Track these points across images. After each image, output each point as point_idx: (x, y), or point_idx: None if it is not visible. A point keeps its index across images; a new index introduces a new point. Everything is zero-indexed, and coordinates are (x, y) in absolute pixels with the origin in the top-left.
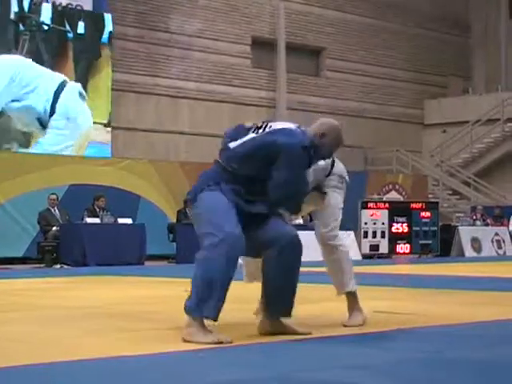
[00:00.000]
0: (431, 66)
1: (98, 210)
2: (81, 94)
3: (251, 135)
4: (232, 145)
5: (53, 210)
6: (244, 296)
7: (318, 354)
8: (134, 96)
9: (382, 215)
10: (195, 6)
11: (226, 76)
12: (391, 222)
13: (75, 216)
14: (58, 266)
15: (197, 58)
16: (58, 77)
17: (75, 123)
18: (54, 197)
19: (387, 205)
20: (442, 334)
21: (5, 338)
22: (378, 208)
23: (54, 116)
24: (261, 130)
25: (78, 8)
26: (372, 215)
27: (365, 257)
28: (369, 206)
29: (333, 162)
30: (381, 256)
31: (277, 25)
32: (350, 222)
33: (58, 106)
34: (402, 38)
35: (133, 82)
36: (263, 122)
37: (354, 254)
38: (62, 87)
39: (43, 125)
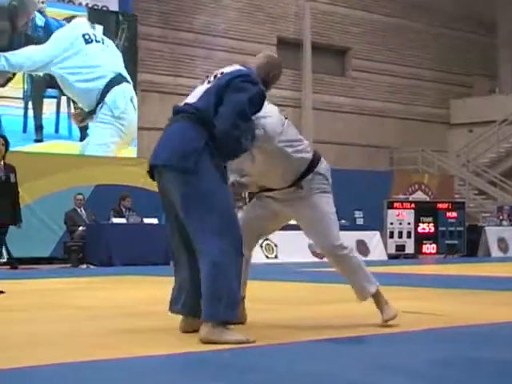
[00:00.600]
0: (457, 66)
1: (124, 210)
2: (132, 100)
3: (205, 86)
4: (190, 100)
5: (79, 210)
6: (257, 295)
7: (345, 354)
8: (158, 96)
9: (408, 215)
10: (219, 6)
11: None
12: (417, 222)
13: (101, 216)
14: (84, 265)
15: (221, 58)
16: (116, 66)
17: (120, 121)
18: (80, 197)
19: (413, 205)
20: (468, 334)
21: (26, 337)
22: (403, 208)
23: (103, 107)
24: (212, 79)
25: (104, 9)
26: (398, 215)
27: (391, 257)
28: (395, 205)
29: (318, 157)
30: (407, 256)
31: (302, 25)
32: (375, 222)
33: (107, 97)
34: (428, 38)
35: (157, 82)
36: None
37: (380, 255)
38: (117, 81)
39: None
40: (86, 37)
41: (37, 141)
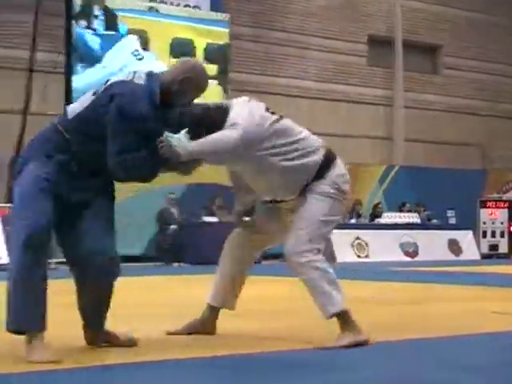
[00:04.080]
0: None
1: (215, 208)
2: None
3: (91, 97)
4: (69, 108)
5: (171, 209)
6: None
7: (426, 355)
8: (250, 95)
9: (502, 214)
10: (312, 5)
11: (342, 75)
12: (511, 221)
13: (193, 215)
14: (177, 264)
15: (314, 57)
16: None
17: None
18: (172, 196)
19: (507, 204)
20: None
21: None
22: (497, 207)
23: None
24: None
25: (196, 9)
26: (491, 214)
27: (484, 256)
28: (488, 205)
29: (332, 158)
30: (500, 256)
31: (393, 23)
32: (468, 221)
33: None
34: None
35: (249, 82)
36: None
37: (473, 254)
38: None
39: None
40: (135, 53)
41: None
